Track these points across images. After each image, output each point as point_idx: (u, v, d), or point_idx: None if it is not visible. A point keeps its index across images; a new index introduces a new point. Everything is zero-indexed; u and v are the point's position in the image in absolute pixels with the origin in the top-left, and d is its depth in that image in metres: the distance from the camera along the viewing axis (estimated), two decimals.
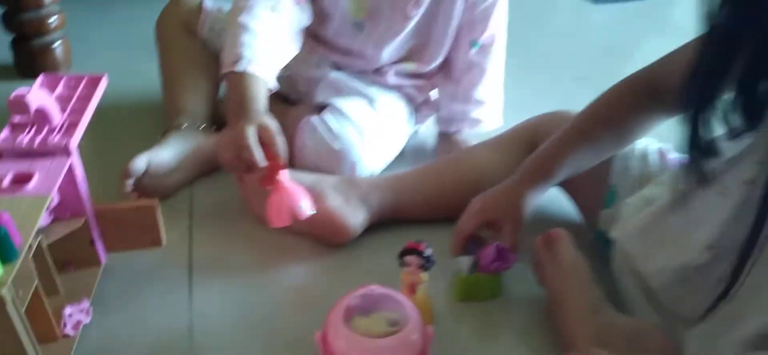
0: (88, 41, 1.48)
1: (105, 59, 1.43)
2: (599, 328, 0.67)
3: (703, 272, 0.63)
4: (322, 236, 0.87)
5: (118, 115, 1.17)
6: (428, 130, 1.15)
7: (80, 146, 0.73)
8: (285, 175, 0.79)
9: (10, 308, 0.56)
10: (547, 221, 0.88)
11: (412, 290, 0.73)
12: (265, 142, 0.78)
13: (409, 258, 0.72)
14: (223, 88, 0.89)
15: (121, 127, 1.14)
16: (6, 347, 0.59)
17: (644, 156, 0.82)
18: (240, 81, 0.82)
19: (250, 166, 0.77)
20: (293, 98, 1.13)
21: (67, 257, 0.78)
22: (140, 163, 0.90)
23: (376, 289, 0.69)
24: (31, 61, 1.30)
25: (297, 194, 0.80)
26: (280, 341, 0.73)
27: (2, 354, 0.60)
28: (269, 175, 0.79)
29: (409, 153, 1.09)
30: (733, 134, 0.58)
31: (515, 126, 0.96)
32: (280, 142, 0.79)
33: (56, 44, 1.31)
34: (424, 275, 0.73)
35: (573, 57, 1.52)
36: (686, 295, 0.65)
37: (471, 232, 0.80)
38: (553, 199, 0.92)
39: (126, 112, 1.20)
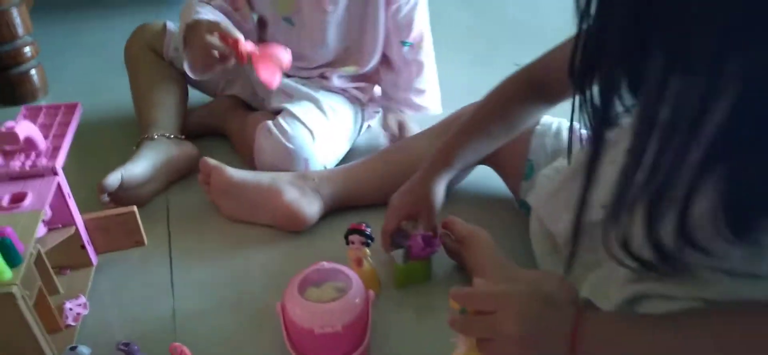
0: (62, 67, 1.60)
1: (79, 82, 1.54)
2: (504, 279, 0.81)
3: (598, 227, 0.75)
4: (282, 225, 1.00)
5: (95, 131, 1.29)
6: (378, 126, 1.28)
7: (66, 165, 0.85)
8: (250, 46, 0.97)
9: (21, 304, 0.68)
10: (483, 197, 1.03)
11: (358, 263, 0.86)
12: (221, 36, 0.98)
13: (353, 237, 0.85)
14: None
15: (99, 143, 1.26)
16: (20, 339, 0.71)
17: (558, 133, 0.95)
18: (193, 24, 1.00)
19: (221, 55, 0.98)
20: (254, 105, 1.25)
21: (63, 262, 0.91)
22: (113, 179, 1.01)
23: (326, 264, 0.82)
24: (11, 88, 1.41)
25: (271, 51, 0.98)
26: (250, 313, 0.86)
27: (17, 344, 0.72)
28: (239, 53, 0.97)
29: (363, 147, 1.22)
30: (625, 110, 0.63)
31: (450, 115, 1.09)
32: (229, 24, 1.00)
33: (33, 72, 1.43)
34: (367, 250, 0.86)
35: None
36: (586, 246, 0.78)
37: (394, 229, 0.89)
38: (488, 176, 1.06)
39: (103, 129, 1.31)
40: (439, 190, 0.89)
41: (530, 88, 0.85)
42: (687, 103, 0.50)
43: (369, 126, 1.27)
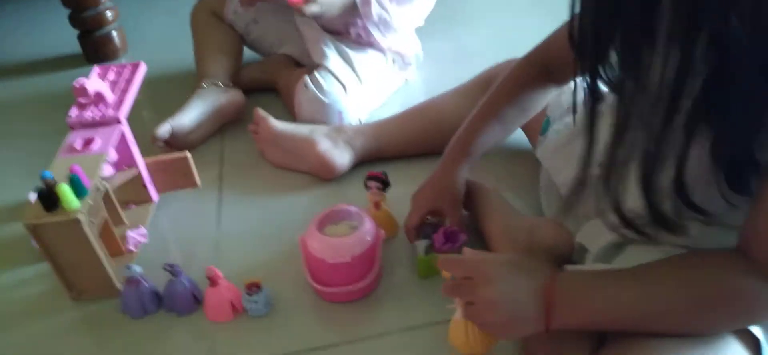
0: (141, 28, 1.77)
1: (156, 42, 1.71)
2: (505, 226, 0.88)
3: (596, 183, 0.79)
4: (317, 173, 1.11)
5: (168, 86, 1.46)
6: (416, 82, 1.35)
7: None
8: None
9: (86, 227, 0.83)
10: (511, 152, 1.09)
11: (377, 206, 0.96)
12: None
13: (370, 182, 0.95)
14: None
15: (170, 96, 1.37)
16: (87, 259, 0.87)
17: (575, 89, 0.99)
18: None
19: None
20: (304, 64, 1.35)
21: (128, 198, 1.06)
22: (163, 129, 1.15)
23: (344, 206, 0.92)
24: (95, 49, 1.59)
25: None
26: (282, 248, 0.98)
27: (85, 264, 0.87)
28: None
29: (400, 101, 1.30)
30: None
31: (480, 73, 1.14)
32: None
33: (114, 33, 1.60)
34: (384, 194, 0.95)
35: None
36: (585, 199, 0.83)
37: (416, 225, 0.90)
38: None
39: (174, 83, 1.47)
40: (460, 181, 0.91)
41: (539, 70, 0.87)
42: (666, 72, 0.54)
43: (406, 81, 1.34)
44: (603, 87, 0.66)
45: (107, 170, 0.97)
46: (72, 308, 0.92)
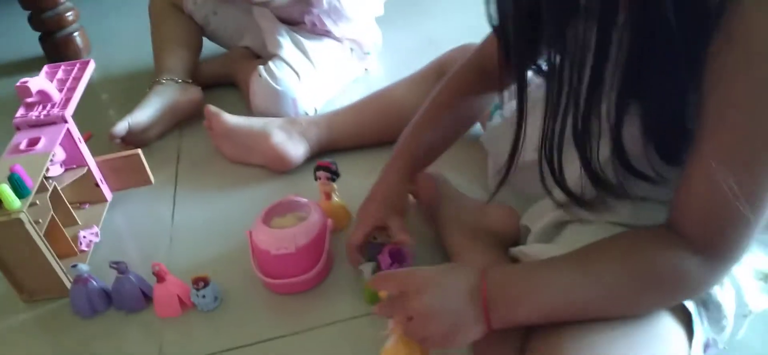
0: (105, 30, 1.76)
1: (119, 42, 1.70)
2: (455, 210, 0.88)
3: (534, 167, 0.73)
4: (272, 166, 1.10)
5: (130, 83, 1.45)
6: (378, 72, 1.35)
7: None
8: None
9: (29, 228, 0.82)
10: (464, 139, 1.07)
11: (327, 197, 0.95)
12: None
13: (319, 173, 0.94)
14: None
15: (132, 94, 1.35)
16: (33, 259, 0.86)
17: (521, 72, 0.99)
18: None
19: None
20: (263, 56, 1.34)
21: (82, 198, 1.05)
22: (121, 127, 1.15)
23: (293, 197, 0.92)
24: (56, 51, 1.58)
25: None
26: (233, 243, 0.97)
27: (32, 264, 0.87)
28: None
29: (360, 90, 1.29)
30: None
31: (427, 64, 1.14)
32: None
33: (76, 34, 1.59)
34: (334, 185, 0.95)
35: None
36: (527, 181, 0.82)
37: (360, 243, 0.84)
38: None
39: (138, 80, 1.44)
40: (403, 193, 0.87)
41: (476, 76, 0.85)
42: (588, 44, 0.55)
43: (366, 71, 1.34)
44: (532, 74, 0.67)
45: (56, 170, 0.96)
46: (24, 309, 0.92)
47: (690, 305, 0.63)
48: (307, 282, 0.86)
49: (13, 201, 0.81)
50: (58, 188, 0.95)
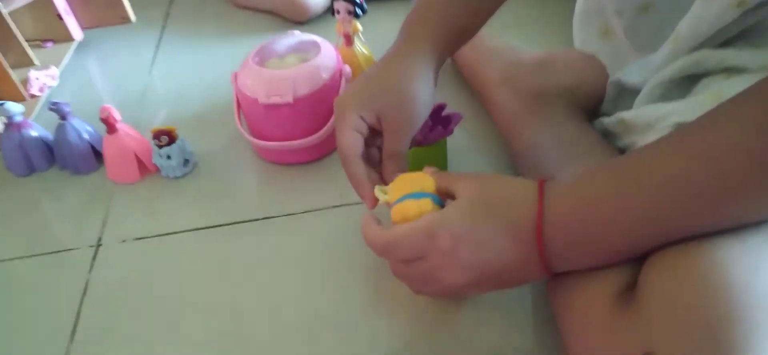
0: None
1: None
2: (502, 70, 0.62)
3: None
4: (285, 12, 0.86)
5: None
6: None
7: None
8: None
9: None
10: None
11: (348, 40, 0.70)
12: None
13: (338, 4, 0.68)
14: None
15: None
16: None
17: None
18: None
19: None
20: None
21: (45, 35, 0.83)
22: None
23: (300, 35, 0.66)
24: None
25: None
26: (220, 96, 0.74)
27: None
28: None
29: None
30: None
31: None
32: None
33: None
34: (358, 24, 0.69)
35: None
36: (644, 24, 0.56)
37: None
38: None
39: None
40: (431, 84, 0.50)
41: None
42: None
43: None
44: None
45: None
46: None
47: None
48: (308, 150, 0.61)
49: None
50: (5, 15, 0.73)
